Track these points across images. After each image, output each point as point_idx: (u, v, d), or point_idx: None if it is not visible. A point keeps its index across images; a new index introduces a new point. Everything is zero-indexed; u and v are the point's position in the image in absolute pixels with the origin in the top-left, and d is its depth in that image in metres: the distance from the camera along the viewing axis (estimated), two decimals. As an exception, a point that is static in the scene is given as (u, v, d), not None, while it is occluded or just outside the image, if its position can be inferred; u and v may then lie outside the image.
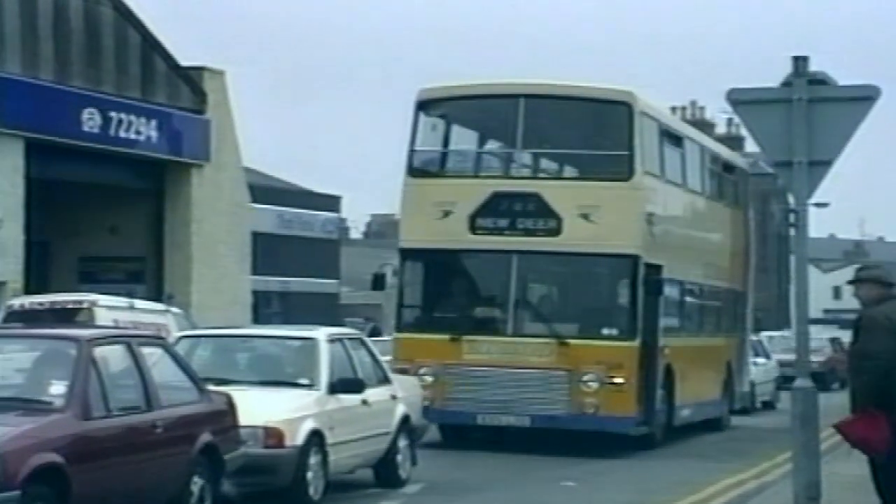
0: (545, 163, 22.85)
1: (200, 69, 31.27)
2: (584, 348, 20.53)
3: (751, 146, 46.39)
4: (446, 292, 21.93)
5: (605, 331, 20.88)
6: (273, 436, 13.84)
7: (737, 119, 16.20)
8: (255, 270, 34.01)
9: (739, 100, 13.53)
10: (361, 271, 42.41)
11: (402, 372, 19.99)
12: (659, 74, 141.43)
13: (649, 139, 21.75)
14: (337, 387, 15.01)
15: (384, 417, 16.08)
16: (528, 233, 21.01)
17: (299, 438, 14.02)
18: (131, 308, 21.49)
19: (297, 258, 53.81)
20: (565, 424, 20.55)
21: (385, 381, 16.53)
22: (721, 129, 75.38)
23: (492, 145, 22.98)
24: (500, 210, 21.14)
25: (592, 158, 22.00)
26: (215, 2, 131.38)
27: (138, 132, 29.05)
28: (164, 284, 30.26)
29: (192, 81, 30.92)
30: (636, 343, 20.79)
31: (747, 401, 29.61)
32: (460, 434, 21.47)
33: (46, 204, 27.52)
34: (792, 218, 13.36)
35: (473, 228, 21.13)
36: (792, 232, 13.68)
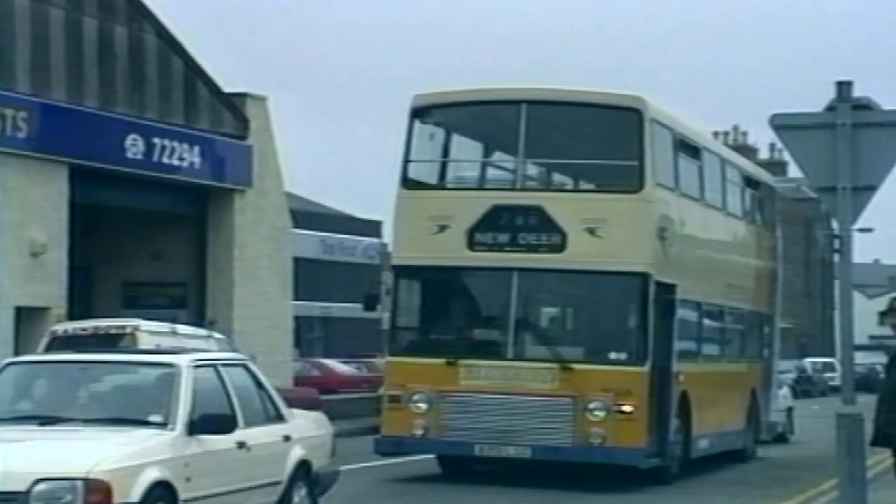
0: (549, 174, 21.43)
1: (243, 95, 31.43)
2: (589, 374, 18.89)
3: (794, 171, 46.24)
4: (442, 313, 20.41)
5: (613, 355, 19.24)
6: (97, 490, 10.76)
7: (780, 144, 16.00)
8: (297, 295, 34.06)
9: (783, 125, 13.45)
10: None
11: (394, 399, 19.11)
12: (700, 98, 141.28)
13: (662, 149, 20.20)
14: (198, 426, 11.93)
15: (271, 465, 13.04)
16: (531, 249, 19.41)
17: (135, 494, 11.01)
18: (174, 333, 21.57)
19: (339, 283, 53.85)
20: (569, 456, 18.96)
21: (278, 418, 13.51)
22: (764, 153, 75.31)
23: (492, 155, 21.40)
24: (500, 224, 19.60)
25: (600, 169, 20.62)
26: (258, 28, 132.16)
27: (181, 158, 29.19)
28: (206, 310, 30.36)
29: (235, 107, 31.06)
30: (646, 368, 19.09)
31: (774, 431, 27.81)
32: (461, 466, 19.98)
33: (90, 229, 27.69)
34: (836, 243, 13.27)
35: (471, 244, 19.59)
36: (836, 257, 13.59)
